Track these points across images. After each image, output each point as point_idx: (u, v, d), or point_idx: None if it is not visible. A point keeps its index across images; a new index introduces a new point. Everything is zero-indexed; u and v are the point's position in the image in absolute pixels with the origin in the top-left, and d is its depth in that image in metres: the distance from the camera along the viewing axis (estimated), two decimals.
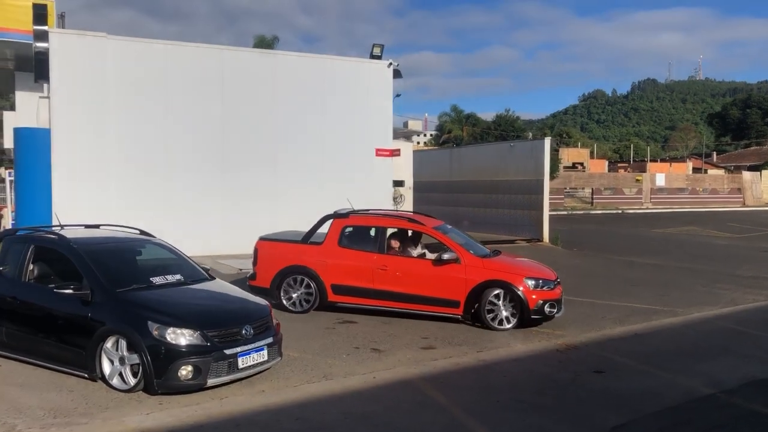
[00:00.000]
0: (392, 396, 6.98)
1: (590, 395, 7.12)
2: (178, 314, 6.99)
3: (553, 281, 10.55)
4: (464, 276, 10.30)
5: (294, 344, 9.04)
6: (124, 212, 15.91)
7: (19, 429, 5.87)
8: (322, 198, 18.00)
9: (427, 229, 10.96)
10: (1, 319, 7.80)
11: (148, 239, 8.85)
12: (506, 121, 68.59)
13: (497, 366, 8.24)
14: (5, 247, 8.26)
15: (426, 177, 28.92)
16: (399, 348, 9.02)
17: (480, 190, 26.76)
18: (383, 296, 10.65)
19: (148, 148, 17.24)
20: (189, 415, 6.28)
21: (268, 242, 11.65)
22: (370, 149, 20.23)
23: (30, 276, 7.85)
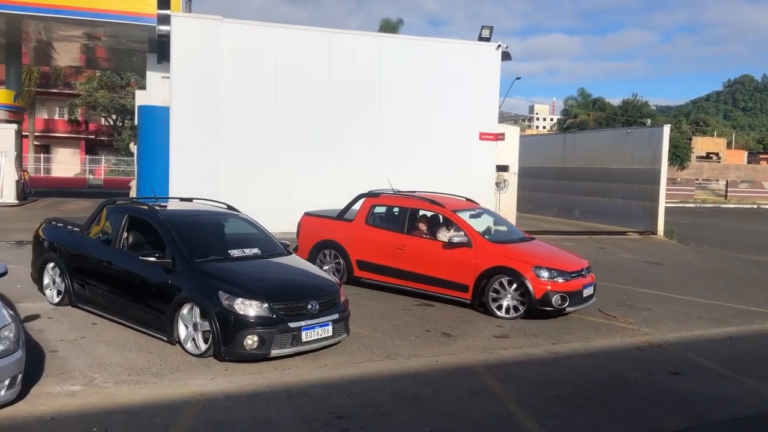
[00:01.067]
0: (448, 381, 6.96)
1: (657, 396, 6.76)
2: (248, 286, 7.31)
3: (570, 273, 9.99)
4: (474, 261, 10.12)
5: (368, 323, 9.22)
6: (234, 186, 16.83)
7: (96, 382, 6.40)
8: (424, 178, 18.10)
9: (445, 212, 10.89)
10: (98, 282, 8.51)
11: (233, 213, 9.29)
12: (633, 106, 65.12)
13: (567, 360, 7.99)
14: (106, 216, 8.95)
15: (537, 162, 28.19)
16: (470, 334, 8.95)
17: (593, 177, 25.76)
18: (400, 275, 10.84)
19: (258, 126, 17.97)
20: (249, 383, 6.58)
21: (309, 217, 12.31)
22: (474, 132, 20.00)
23: (124, 243, 8.47)
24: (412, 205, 11.28)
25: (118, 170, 50.32)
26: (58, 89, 55.18)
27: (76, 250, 8.96)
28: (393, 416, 5.89)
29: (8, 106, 24.63)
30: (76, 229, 9.25)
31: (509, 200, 22.16)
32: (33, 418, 5.44)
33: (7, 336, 5.51)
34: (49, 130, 56.76)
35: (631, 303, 11.50)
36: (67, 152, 56.93)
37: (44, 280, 9.39)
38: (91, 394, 6.08)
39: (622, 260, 16.89)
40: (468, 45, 20.38)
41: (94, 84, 52.86)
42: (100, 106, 54.44)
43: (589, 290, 10.25)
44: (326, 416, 5.80)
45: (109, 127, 58.27)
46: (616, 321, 10.13)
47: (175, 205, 9.65)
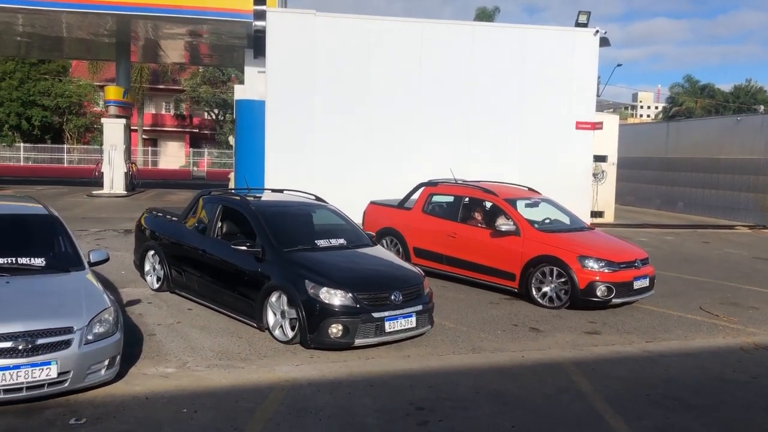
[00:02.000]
0: (534, 377, 6.81)
1: (760, 402, 6.34)
2: (333, 276, 7.42)
3: (619, 264, 9.63)
4: (521, 249, 10.03)
5: (453, 315, 9.17)
6: (327, 178, 17.17)
7: (189, 365, 6.69)
8: (517, 169, 17.82)
9: (497, 200, 10.85)
10: (193, 269, 8.89)
11: (321, 205, 9.45)
12: (746, 92, 61.27)
13: (662, 359, 7.64)
14: (201, 206, 9.32)
15: (639, 153, 27.09)
16: (560, 330, 8.72)
17: (699, 168, 24.50)
18: (452, 262, 10.96)
19: (350, 118, 18.21)
20: (332, 371, 6.69)
21: (374, 206, 12.70)
22: (570, 121, 19.44)
23: (218, 232, 8.79)
24: (466, 194, 11.36)
25: (220, 162, 52.38)
26: (165, 85, 57.94)
27: (174, 238, 9.39)
28: (474, 410, 5.82)
29: (118, 101, 26.11)
30: (174, 219, 9.69)
31: (607, 192, 21.41)
32: (129, 397, 5.76)
33: (107, 319, 5.84)
34: (156, 125, 59.76)
35: (736, 301, 10.85)
36: (173, 145, 59.79)
37: (145, 266, 9.91)
38: (183, 376, 6.36)
39: (729, 255, 15.97)
40: (564, 32, 19.80)
41: (198, 80, 55.17)
42: (203, 101, 56.78)
43: (643, 282, 9.88)
44: (407, 407, 5.81)
45: (212, 121, 60.73)
46: (718, 320, 9.59)
47: (266, 196, 9.93)
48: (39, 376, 5.29)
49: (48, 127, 50.77)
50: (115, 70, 28.44)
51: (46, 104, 48.63)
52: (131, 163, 27.66)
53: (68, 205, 21.74)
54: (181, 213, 9.71)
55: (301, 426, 5.32)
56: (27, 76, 47.88)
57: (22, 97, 47.49)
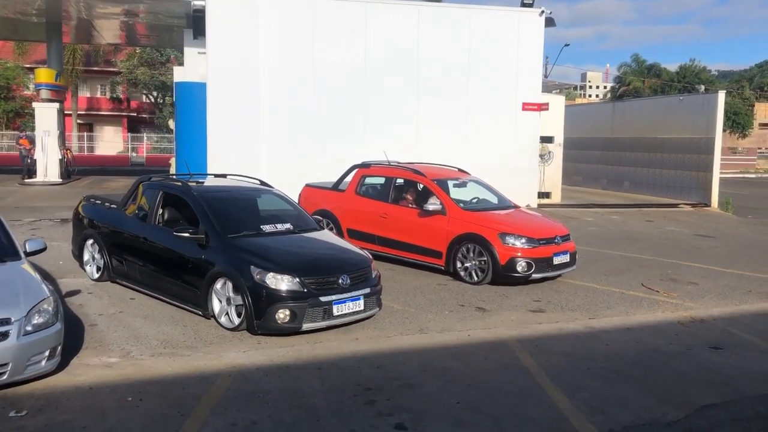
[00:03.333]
0: (479, 354, 7.09)
1: (693, 371, 6.77)
2: (280, 261, 7.54)
3: (539, 240, 10.22)
4: (447, 227, 10.55)
5: (402, 297, 9.41)
6: (273, 162, 17.18)
7: (133, 354, 6.74)
8: (464, 151, 18.15)
9: (425, 180, 11.33)
10: (135, 257, 8.88)
11: (266, 189, 9.54)
12: (691, 72, 63.28)
13: (604, 334, 8.03)
14: (141, 192, 9.29)
15: (585, 133, 27.80)
16: (506, 309, 9.05)
17: (643, 148, 25.32)
18: (383, 242, 11.41)
19: (296, 101, 18.18)
20: (280, 356, 6.84)
21: (309, 188, 13.08)
22: (516, 103, 19.85)
23: (159, 219, 8.79)
24: (396, 175, 11.77)
25: (160, 147, 51.54)
26: (100, 67, 56.55)
27: (113, 226, 9.34)
28: (421, 388, 6.06)
29: (50, 85, 25.37)
30: (113, 206, 9.63)
31: (554, 172, 21.98)
32: (73, 387, 5.79)
33: (46, 309, 5.85)
34: (92, 109, 58.36)
35: (676, 277, 11.40)
36: (109, 130, 58.52)
37: (84, 256, 9.83)
38: (127, 365, 6.41)
39: (671, 233, 16.66)
40: (509, 12, 20.15)
41: (135, 61, 54.08)
42: (140, 84, 55.69)
43: (563, 258, 10.46)
44: (354, 388, 6.01)
45: (151, 105, 59.60)
46: (659, 295, 10.08)
47: (209, 181, 9.96)
48: None
49: None
50: (46, 52, 27.61)
51: None
52: (66, 150, 26.98)
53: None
54: (120, 200, 9.65)
55: (249, 409, 5.46)
56: None
57: None
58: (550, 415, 5.56)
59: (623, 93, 68.28)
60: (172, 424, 5.14)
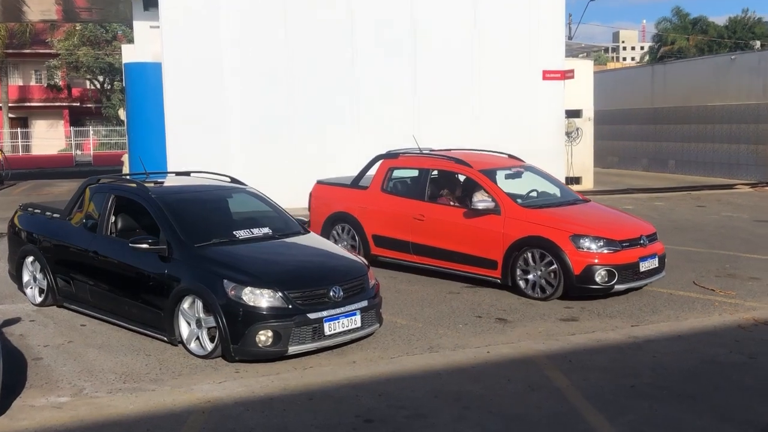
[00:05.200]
0: (501, 375, 7.14)
1: (758, 384, 6.82)
2: (258, 272, 7.59)
3: (621, 242, 9.83)
4: (503, 230, 10.14)
5: (406, 310, 9.47)
6: (245, 156, 17.26)
7: (86, 392, 6.78)
8: (474, 132, 18.20)
9: (470, 171, 10.94)
10: (84, 276, 8.93)
11: (239, 188, 9.58)
12: (743, 26, 63.43)
13: (650, 344, 8.08)
14: (89, 197, 9.33)
15: (620, 104, 27.94)
16: (531, 319, 9.11)
17: (691, 119, 25.48)
18: (420, 251, 11.02)
19: (269, 81, 18.27)
20: (263, 386, 6.87)
21: (322, 186, 12.66)
22: (536, 72, 19.92)
23: (111, 229, 8.83)
24: (433, 166, 11.45)
25: (110, 143, 51.66)
26: (32, 49, 56.52)
27: (57, 240, 9.38)
28: (432, 418, 6.11)
29: None
30: (56, 216, 9.67)
31: (584, 153, 22.07)
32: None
33: None
34: (24, 99, 58.43)
35: (734, 272, 11.48)
36: (47, 124, 58.53)
37: (24, 277, 9.87)
38: (80, 405, 6.45)
39: (727, 220, 16.77)
40: None
41: (75, 40, 54.13)
42: (83, 67, 55.75)
43: (651, 263, 10.09)
44: (353, 420, 6.05)
45: (96, 92, 59.69)
46: (714, 294, 10.14)
47: (169, 181, 10.00)
48: None
49: None
50: None
51: None
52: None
53: None
54: (64, 208, 9.69)
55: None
56: None
57: None
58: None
59: (664, 54, 68.42)
60: None
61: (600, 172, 24.37)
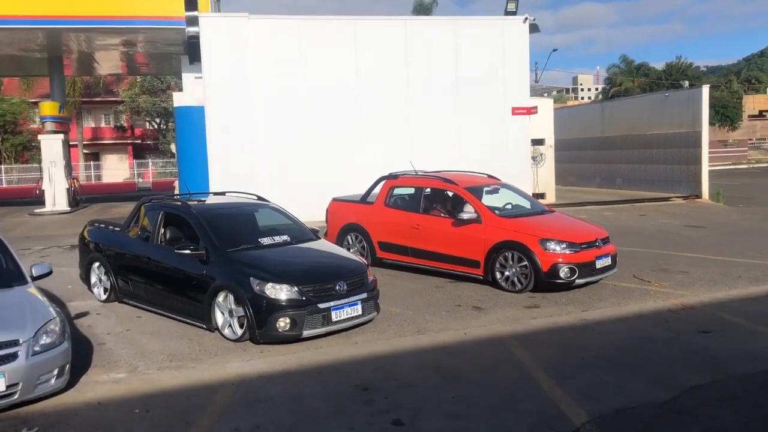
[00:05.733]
0: (475, 351, 7.16)
1: (683, 355, 6.83)
2: (278, 271, 7.63)
3: (580, 244, 9.84)
4: (484, 236, 10.22)
5: (400, 301, 9.48)
6: (271, 179, 17.31)
7: (140, 369, 6.82)
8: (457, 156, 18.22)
9: (457, 189, 11.00)
10: (140, 277, 8.97)
11: (263, 204, 9.63)
12: (677, 69, 63.43)
13: (597, 326, 8.09)
14: (143, 214, 9.39)
15: (576, 134, 27.90)
16: (501, 306, 9.11)
17: (633, 145, 25.40)
18: (417, 254, 11.10)
19: (289, 118, 18.31)
20: (282, 363, 6.91)
21: (336, 203, 12.78)
22: (506, 108, 19.94)
23: (161, 239, 8.89)
24: (426, 185, 11.50)
25: (166, 172, 51.71)
26: (102, 97, 56.92)
27: (118, 248, 9.44)
28: (417, 386, 6.13)
29: (54, 117, 25.56)
30: (116, 229, 9.74)
31: (547, 174, 22.05)
32: (81, 404, 5.87)
33: (53, 330, 5.94)
34: (96, 138, 58.66)
35: (667, 267, 11.46)
36: (115, 158, 58.76)
37: (91, 279, 9.93)
38: (134, 380, 6.49)
39: (663, 226, 16.70)
40: (494, 20, 20.27)
41: (136, 90, 54.38)
42: (143, 111, 55.95)
43: (605, 261, 10.09)
44: (353, 389, 6.08)
45: (154, 131, 59.87)
46: (650, 285, 10.13)
47: (209, 200, 10.05)
48: None
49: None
50: (50, 86, 27.87)
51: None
52: (73, 179, 27.13)
53: (10, 225, 21.29)
54: (123, 223, 9.75)
55: (252, 415, 5.54)
56: None
57: None
58: (543, 403, 5.62)
59: (615, 93, 68.23)
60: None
61: (561, 189, 24.31)
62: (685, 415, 5.29)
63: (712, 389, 5.82)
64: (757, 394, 5.73)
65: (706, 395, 5.69)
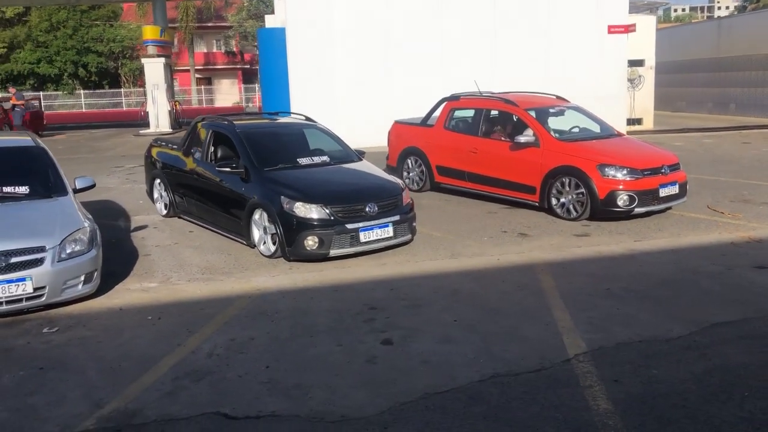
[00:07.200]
0: (499, 277, 6.95)
1: (724, 290, 6.30)
2: (308, 191, 7.67)
3: (642, 170, 9.13)
4: (541, 160, 9.68)
5: (445, 225, 9.32)
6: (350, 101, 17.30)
7: (172, 280, 7.15)
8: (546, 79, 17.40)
9: (516, 110, 10.42)
10: (192, 194, 9.31)
11: (310, 124, 9.62)
12: None
13: (643, 256, 7.61)
14: (197, 132, 9.65)
15: (688, 55, 25.79)
16: (549, 234, 8.76)
17: (752, 66, 23.18)
18: (474, 179, 10.76)
19: (370, 37, 18.11)
20: (305, 279, 7.02)
21: (397, 125, 12.51)
22: (602, 26, 18.70)
23: (211, 157, 9.12)
24: (486, 106, 10.99)
25: None
26: (213, 23, 58.34)
27: (175, 166, 9.80)
28: (425, 308, 6.05)
29: (156, 41, 26.61)
30: (174, 147, 10.08)
31: (645, 97, 20.64)
32: (105, 308, 6.26)
33: (80, 238, 6.30)
34: (209, 63, 60.54)
35: (750, 198, 10.56)
36: (226, 83, 60.64)
37: (154, 194, 10.42)
38: (162, 289, 6.82)
39: (765, 154, 15.35)
40: None
41: (243, 14, 55.23)
42: (250, 36, 56.90)
43: (671, 189, 9.38)
44: (360, 307, 6.09)
45: None
46: (722, 216, 9.39)
47: (257, 120, 10.15)
48: (15, 291, 5.82)
49: (104, 73, 52.32)
50: (152, 10, 28.85)
51: (100, 50, 49.97)
52: (175, 102, 28.35)
53: (114, 144, 22.69)
54: (179, 141, 10.08)
55: (252, 327, 5.69)
56: (79, 23, 49.15)
57: (76, 45, 48.93)
58: (545, 333, 5.40)
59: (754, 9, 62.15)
60: (178, 339, 5.46)
61: (663, 114, 22.80)
62: (693, 351, 4.91)
63: (736, 327, 5.35)
64: None
65: (726, 333, 5.24)
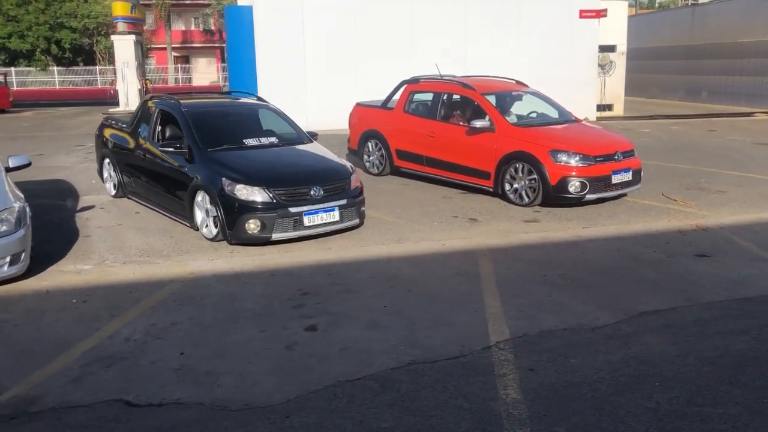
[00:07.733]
0: (438, 262, 6.87)
1: (660, 278, 6.27)
2: (250, 173, 7.52)
3: (595, 157, 9.07)
4: (495, 146, 9.59)
5: (398, 210, 9.23)
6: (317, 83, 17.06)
7: (107, 262, 6.99)
8: (517, 64, 17.29)
9: (473, 94, 10.29)
10: (139, 174, 9.12)
11: (262, 105, 9.45)
12: None
13: (588, 243, 7.58)
14: (145, 111, 9.44)
15: (662, 42, 25.78)
16: (498, 220, 8.69)
17: (723, 54, 23.24)
18: (431, 163, 10.66)
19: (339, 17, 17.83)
20: (243, 264, 6.90)
21: (358, 108, 12.29)
22: (573, 11, 18.59)
23: (158, 136, 8.92)
24: (444, 90, 10.81)
25: None
26: (191, 0, 57.47)
27: (122, 145, 9.60)
28: (358, 293, 5.96)
29: (126, 17, 26.11)
30: (123, 126, 9.87)
31: (616, 83, 20.61)
32: (31, 291, 6.09)
33: (6, 219, 6.13)
34: (186, 41, 59.70)
35: (706, 186, 10.56)
36: (204, 61, 59.84)
37: (104, 174, 10.22)
38: (94, 272, 6.66)
39: (729, 143, 15.39)
40: None
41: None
42: None
43: (624, 176, 9.31)
44: (293, 293, 5.98)
45: None
46: (674, 204, 9.38)
47: (206, 99, 9.94)
48: None
49: (79, 50, 51.33)
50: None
51: (75, 26, 49.01)
52: (145, 80, 27.89)
53: (79, 123, 22.32)
54: (128, 120, 9.87)
55: (177, 312, 5.56)
56: None
57: (49, 21, 47.93)
58: (471, 319, 5.33)
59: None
60: (98, 323, 5.32)
61: (636, 101, 22.84)
62: (615, 340, 4.87)
63: (662, 316, 5.31)
64: (707, 324, 5.18)
65: (652, 322, 5.21)
